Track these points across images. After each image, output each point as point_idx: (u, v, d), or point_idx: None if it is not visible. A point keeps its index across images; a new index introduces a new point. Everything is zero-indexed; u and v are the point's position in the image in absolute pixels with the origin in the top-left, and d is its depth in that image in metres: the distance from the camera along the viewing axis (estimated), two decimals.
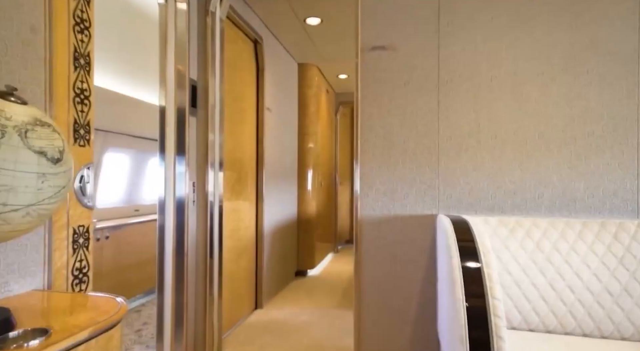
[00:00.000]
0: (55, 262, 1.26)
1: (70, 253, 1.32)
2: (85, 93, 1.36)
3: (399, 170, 2.08)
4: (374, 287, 2.09)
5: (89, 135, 1.37)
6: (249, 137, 3.40)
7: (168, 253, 2.28)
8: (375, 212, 2.10)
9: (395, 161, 2.08)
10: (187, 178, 2.30)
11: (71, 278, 1.32)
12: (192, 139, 2.37)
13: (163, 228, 2.29)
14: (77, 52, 1.33)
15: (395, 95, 2.09)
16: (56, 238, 1.26)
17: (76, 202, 1.34)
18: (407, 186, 2.07)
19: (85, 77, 1.37)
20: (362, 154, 2.12)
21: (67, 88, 1.29)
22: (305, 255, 4.77)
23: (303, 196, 4.76)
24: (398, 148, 2.08)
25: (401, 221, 2.06)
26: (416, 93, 2.06)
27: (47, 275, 1.26)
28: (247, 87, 3.35)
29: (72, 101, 1.31)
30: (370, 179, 2.11)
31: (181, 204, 2.31)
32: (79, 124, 1.33)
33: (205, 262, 2.47)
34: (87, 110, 1.37)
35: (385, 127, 2.09)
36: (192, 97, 2.35)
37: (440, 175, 2.03)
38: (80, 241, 1.35)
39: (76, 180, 1.33)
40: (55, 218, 1.26)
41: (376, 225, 2.09)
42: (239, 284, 3.20)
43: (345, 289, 4.15)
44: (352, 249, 6.35)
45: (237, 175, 3.15)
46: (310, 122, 4.80)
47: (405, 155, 2.07)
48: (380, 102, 2.10)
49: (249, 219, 3.41)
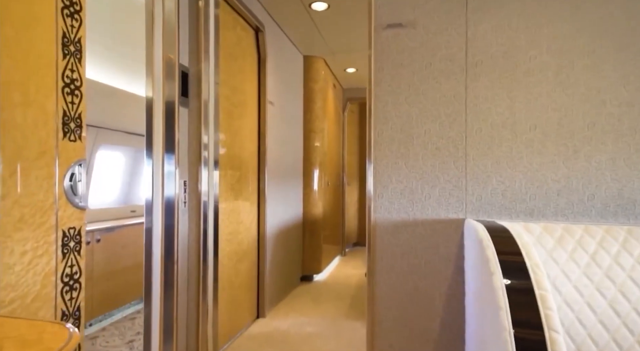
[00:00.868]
0: (43, 268, 1.17)
1: (59, 257, 1.22)
2: (76, 83, 1.26)
3: (419, 167, 1.79)
4: (390, 301, 1.80)
5: (80, 129, 1.28)
6: (250, 133, 3.13)
7: (156, 259, 2.01)
8: (391, 215, 1.81)
9: (415, 157, 1.80)
10: (177, 177, 2.03)
11: (60, 286, 1.23)
12: (183, 133, 2.10)
13: (151, 231, 2.03)
14: (66, 37, 1.23)
15: (414, 80, 1.80)
16: (43, 241, 1.17)
17: (66, 202, 1.24)
18: (429, 185, 1.78)
19: (76, 66, 1.27)
20: (375, 148, 1.84)
21: (54, 77, 1.20)
22: (311, 259, 4.49)
23: (309, 197, 4.48)
24: (418, 142, 1.79)
25: (422, 226, 1.78)
26: (439, 77, 1.77)
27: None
28: (247, 78, 3.07)
29: (60, 91, 1.21)
30: (386, 177, 1.82)
31: (170, 205, 2.04)
32: (69, 116, 1.24)
33: (197, 268, 2.20)
34: (78, 102, 1.27)
35: (403, 118, 1.81)
36: (183, 85, 2.07)
37: (468, 173, 1.74)
38: (71, 244, 1.26)
39: (66, 178, 1.23)
40: (42, 220, 1.16)
41: (392, 230, 1.81)
42: (239, 291, 2.93)
43: (354, 296, 3.87)
44: (360, 252, 6.06)
45: (236, 173, 2.87)
46: (316, 119, 4.52)
47: (426, 150, 1.79)
48: (397, 89, 1.81)
49: (249, 221, 3.13)
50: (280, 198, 3.69)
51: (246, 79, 3.02)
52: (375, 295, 1.82)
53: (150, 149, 2.00)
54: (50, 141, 1.20)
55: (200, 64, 2.15)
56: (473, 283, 1.44)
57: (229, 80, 2.68)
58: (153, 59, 1.96)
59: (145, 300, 2.04)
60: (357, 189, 6.64)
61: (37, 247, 1.17)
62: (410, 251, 1.79)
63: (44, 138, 1.18)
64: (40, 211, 1.17)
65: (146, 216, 2.03)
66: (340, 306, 3.59)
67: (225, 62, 2.60)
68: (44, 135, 1.18)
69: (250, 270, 3.13)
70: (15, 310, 1.10)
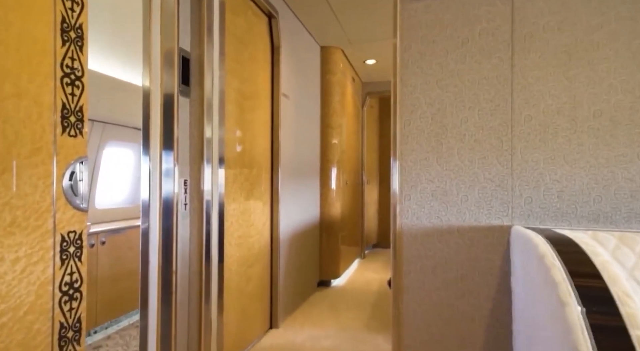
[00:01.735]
0: (38, 276, 1.08)
1: (58, 264, 1.14)
2: (77, 73, 1.17)
3: (454, 163, 1.50)
4: (419, 322, 1.52)
5: (81, 123, 1.19)
6: (262, 128, 2.88)
7: (153, 266, 1.78)
8: (420, 221, 1.53)
9: (449, 151, 1.51)
10: (176, 175, 1.79)
11: (59, 295, 1.15)
12: (184, 126, 1.85)
13: (147, 234, 1.80)
14: (65, 23, 1.13)
15: (448, 60, 1.51)
16: (39, 247, 1.08)
17: (65, 203, 1.15)
18: (466, 185, 1.49)
19: (77, 54, 1.18)
20: (402, 142, 1.56)
21: (51, 65, 1.10)
22: (329, 263, 4.23)
23: (326, 196, 4.22)
24: (453, 133, 1.50)
25: (457, 234, 1.49)
26: (479, 56, 1.48)
27: None
28: (259, 68, 2.82)
29: (59, 81, 1.12)
30: (414, 175, 1.54)
31: (169, 207, 1.80)
32: (69, 109, 1.15)
33: (200, 277, 1.96)
34: (79, 93, 1.18)
35: (435, 105, 1.52)
36: (184, 72, 1.83)
37: (515, 170, 1.44)
38: (71, 250, 1.17)
39: (65, 177, 1.14)
40: (37, 223, 1.07)
41: (422, 238, 1.52)
42: (250, 300, 2.69)
43: (375, 304, 3.58)
44: (380, 255, 5.77)
45: (247, 171, 2.63)
46: (334, 114, 4.25)
47: (462, 142, 1.50)
48: (428, 70, 1.53)
49: (262, 223, 2.89)
50: (295, 198, 3.44)
51: (258, 69, 2.77)
52: (402, 314, 1.54)
53: (146, 144, 1.76)
54: (46, 136, 1.10)
55: (202, 48, 1.90)
56: (529, 309, 1.14)
57: (238, 69, 2.43)
58: (150, 43, 1.72)
59: (142, 311, 1.81)
60: (377, 188, 6.35)
61: (32, 253, 1.08)
62: (443, 264, 1.50)
63: (39, 133, 1.08)
64: (35, 214, 1.08)
65: (142, 218, 1.81)
66: (361, 316, 3.31)
67: (233, 49, 2.35)
68: (39, 129, 1.09)
69: (262, 276, 2.88)
70: (5, 324, 1.01)
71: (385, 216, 6.32)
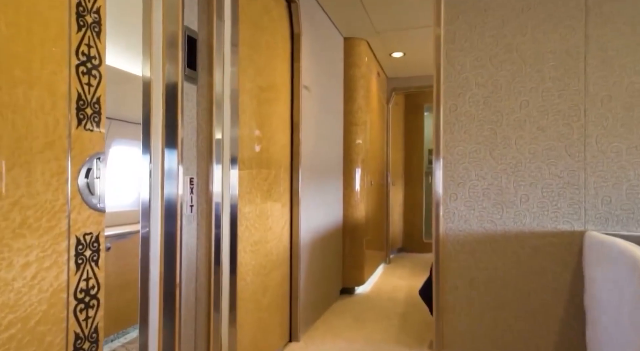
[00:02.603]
0: (51, 283, 1.00)
1: (72, 269, 1.06)
2: (94, 61, 1.10)
3: (512, 156, 1.24)
4: (468, 347, 1.26)
5: (99, 116, 1.12)
6: (281, 122, 2.65)
7: (154, 276, 1.57)
8: (469, 225, 1.27)
9: (505, 141, 1.25)
10: (180, 174, 1.57)
11: (74, 303, 1.07)
12: (190, 117, 1.64)
13: (147, 241, 1.59)
14: (81, 6, 1.07)
15: (505, 31, 1.25)
16: (52, 250, 1.00)
17: (81, 203, 1.07)
18: (527, 182, 1.23)
19: (94, 41, 1.11)
20: (446, 131, 1.30)
21: (66, 51, 1.03)
22: (353, 269, 3.98)
23: (350, 198, 3.97)
24: (510, 119, 1.24)
25: (516, 242, 1.22)
26: (545, 24, 1.21)
27: None
28: (277, 56, 2.60)
29: (74, 69, 1.05)
30: (461, 171, 1.29)
31: (172, 210, 1.59)
32: (85, 101, 1.08)
33: (207, 289, 1.73)
34: (96, 84, 1.11)
35: (487, 86, 1.26)
36: (190, 54, 1.62)
37: (590, 163, 1.17)
38: (87, 253, 1.10)
39: (81, 174, 1.06)
40: (50, 224, 1.00)
41: (471, 246, 1.26)
42: (267, 312, 2.45)
43: (404, 315, 3.31)
44: (406, 259, 5.48)
45: (264, 170, 2.40)
46: (358, 109, 4.01)
47: (522, 130, 1.23)
48: (479, 45, 1.27)
49: (280, 227, 2.66)
50: (316, 199, 3.20)
51: (276, 57, 2.55)
52: (446, 337, 1.28)
53: (147, 139, 1.55)
54: (60, 129, 1.02)
55: (212, 27, 1.68)
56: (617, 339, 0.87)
57: (253, 56, 2.21)
58: (150, 21, 1.51)
59: (141, 327, 1.61)
60: (402, 189, 6.08)
61: (44, 257, 1.00)
62: (498, 278, 1.24)
63: (52, 125, 1.00)
64: (48, 214, 1.01)
65: (142, 222, 1.61)
66: (388, 327, 3.04)
67: (248, 33, 2.13)
68: (53, 121, 1.00)
69: (281, 285, 2.65)
70: (14, 336, 0.95)
71: (411, 218, 6.05)
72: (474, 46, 1.28)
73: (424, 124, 6.02)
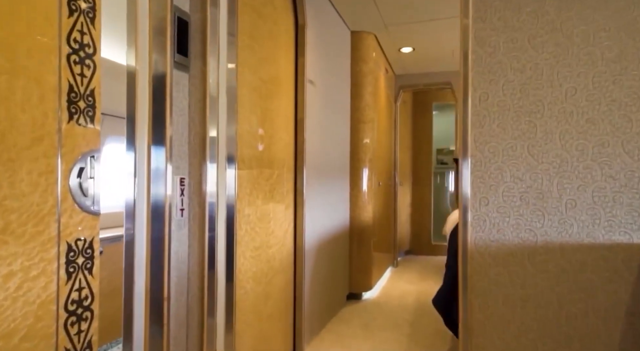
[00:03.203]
0: (38, 294, 0.91)
1: (63, 279, 0.96)
2: (87, 50, 1.01)
3: (555, 153, 1.05)
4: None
5: (93, 110, 1.03)
6: (284, 118, 2.47)
7: (139, 288, 1.40)
8: (503, 234, 1.08)
9: (547, 136, 1.06)
10: (169, 173, 1.39)
11: (64, 316, 0.97)
12: (181, 109, 1.46)
13: (132, 248, 1.43)
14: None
15: (546, 6, 1.06)
16: (39, 258, 0.91)
17: (73, 205, 0.98)
18: (574, 184, 1.04)
19: (88, 27, 1.01)
20: (475, 124, 1.12)
21: (56, 38, 0.93)
22: (360, 273, 3.80)
23: (357, 199, 3.80)
24: (553, 110, 1.06)
25: (561, 255, 1.04)
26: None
27: None
28: (280, 47, 2.42)
29: (65, 58, 0.95)
30: (493, 171, 1.10)
31: (159, 214, 1.42)
32: (77, 93, 0.98)
33: (200, 301, 1.55)
34: (90, 75, 1.01)
35: (526, 71, 1.08)
36: (180, 38, 1.44)
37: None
38: (79, 261, 1.01)
39: (72, 174, 0.97)
40: (37, 229, 0.91)
41: (505, 259, 1.08)
42: (269, 322, 2.27)
43: (414, 323, 3.12)
44: (413, 262, 5.29)
45: (266, 170, 2.22)
46: (366, 106, 3.83)
47: (568, 123, 1.05)
48: (515, 23, 1.08)
49: (283, 230, 2.48)
50: (322, 201, 3.02)
51: (279, 49, 2.37)
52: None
53: (132, 135, 1.38)
54: (49, 124, 0.95)
55: (205, 9, 1.50)
56: None
57: (254, 46, 2.03)
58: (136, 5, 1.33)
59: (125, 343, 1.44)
60: (410, 190, 5.90)
61: (30, 266, 0.93)
62: (538, 296, 1.05)
63: (40, 119, 0.93)
64: (34, 218, 0.93)
65: (126, 225, 1.45)
66: (399, 337, 2.85)
67: (249, 21, 1.96)
68: (41, 115, 0.93)
69: (284, 292, 2.47)
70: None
71: (419, 220, 5.88)
72: (508, 24, 1.09)
73: (432, 123, 5.83)
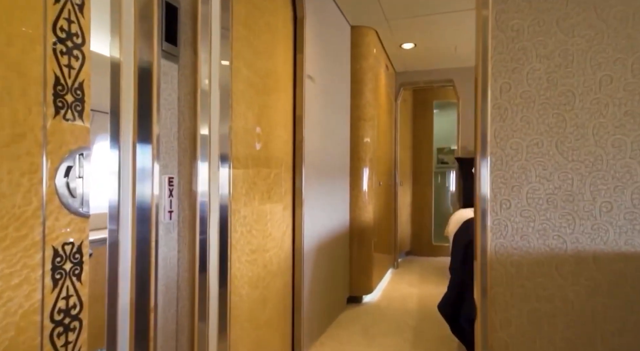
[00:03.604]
0: (20, 304, 0.86)
1: (48, 287, 0.90)
2: (76, 40, 0.95)
3: (588, 150, 0.93)
4: None
5: (81, 105, 0.98)
6: (282, 115, 2.35)
7: (123, 297, 1.27)
8: (527, 241, 0.96)
9: (579, 131, 0.94)
10: (155, 172, 1.26)
11: (50, 327, 0.91)
12: (170, 102, 1.33)
13: (116, 252, 1.29)
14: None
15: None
16: (21, 265, 0.86)
17: (59, 207, 0.92)
18: (610, 185, 0.92)
19: (75, 15, 0.95)
20: (495, 118, 1.00)
21: (40, 25, 0.88)
22: (360, 276, 3.69)
23: (357, 199, 3.68)
24: (586, 101, 0.94)
25: (594, 264, 0.92)
26: None
27: None
28: (277, 41, 2.29)
29: (50, 47, 0.90)
30: (517, 170, 0.98)
31: (145, 215, 1.29)
32: (65, 86, 0.92)
33: (191, 311, 1.42)
34: (78, 66, 0.96)
35: (554, 58, 0.96)
36: (169, 25, 1.31)
37: None
38: (67, 267, 0.95)
39: (59, 173, 0.92)
40: (19, 234, 0.85)
41: (530, 269, 0.96)
42: (266, 329, 2.16)
43: (417, 328, 3.00)
44: (414, 263, 5.17)
45: (263, 169, 2.10)
46: (367, 104, 3.71)
47: (603, 116, 0.93)
48: (542, 4, 0.96)
49: (281, 232, 2.36)
50: (321, 201, 2.90)
51: (277, 42, 2.24)
52: None
53: (116, 130, 1.26)
54: (33, 119, 0.88)
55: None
56: None
57: (250, 37, 1.91)
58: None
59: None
60: (410, 189, 5.80)
61: (11, 274, 0.86)
62: (569, 312, 0.93)
63: (22, 113, 0.87)
64: (16, 221, 0.87)
65: (109, 228, 1.32)
66: (401, 343, 2.74)
67: (245, 11, 1.83)
68: (23, 109, 0.87)
69: (282, 297, 2.35)
70: None
71: (420, 220, 5.78)
72: (533, 6, 0.97)
73: (433, 121, 5.72)
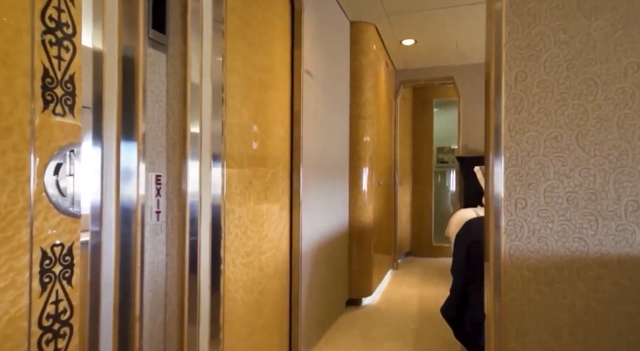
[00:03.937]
0: (5, 309, 0.80)
1: (36, 291, 0.86)
2: (66, 30, 0.90)
3: (612, 144, 0.85)
4: None
5: (72, 98, 0.92)
6: (279, 111, 2.27)
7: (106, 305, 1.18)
8: (545, 244, 0.88)
9: (602, 123, 0.86)
10: (141, 170, 1.17)
11: (38, 334, 0.87)
12: (157, 95, 1.24)
13: (99, 256, 1.21)
14: None
15: None
16: (7, 268, 0.80)
17: (48, 206, 0.88)
18: (636, 182, 0.84)
19: (66, 5, 0.91)
20: (509, 110, 0.92)
21: (28, 13, 0.84)
22: (360, 278, 3.60)
23: (356, 199, 3.60)
24: (609, 91, 0.85)
25: (619, 270, 0.84)
26: None
27: None
28: (274, 34, 2.21)
29: (39, 37, 0.85)
30: (533, 166, 0.90)
31: (130, 216, 1.20)
32: (54, 78, 0.87)
33: (180, 319, 1.33)
34: (69, 58, 0.90)
35: (574, 44, 0.88)
36: (156, 11, 1.22)
37: None
38: (56, 270, 0.91)
39: (48, 171, 0.87)
40: (4, 235, 0.80)
41: (548, 274, 0.88)
42: (262, 335, 2.07)
43: (418, 332, 2.92)
44: (414, 264, 5.10)
45: (260, 168, 2.01)
46: (366, 102, 3.63)
47: (629, 107, 0.84)
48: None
49: (278, 234, 2.28)
50: (320, 201, 2.81)
51: (274, 36, 2.16)
52: None
53: (98, 125, 1.17)
54: (20, 112, 0.82)
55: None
56: None
57: (245, 29, 1.82)
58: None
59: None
60: (410, 189, 5.72)
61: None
62: (592, 320, 0.85)
63: (8, 107, 0.81)
64: (1, 221, 0.81)
65: (92, 227, 1.23)
66: (402, 348, 2.65)
67: (240, 2, 1.75)
68: (9, 102, 0.81)
69: (279, 301, 2.27)
70: None
71: (420, 220, 5.71)
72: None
73: (433, 120, 5.65)
